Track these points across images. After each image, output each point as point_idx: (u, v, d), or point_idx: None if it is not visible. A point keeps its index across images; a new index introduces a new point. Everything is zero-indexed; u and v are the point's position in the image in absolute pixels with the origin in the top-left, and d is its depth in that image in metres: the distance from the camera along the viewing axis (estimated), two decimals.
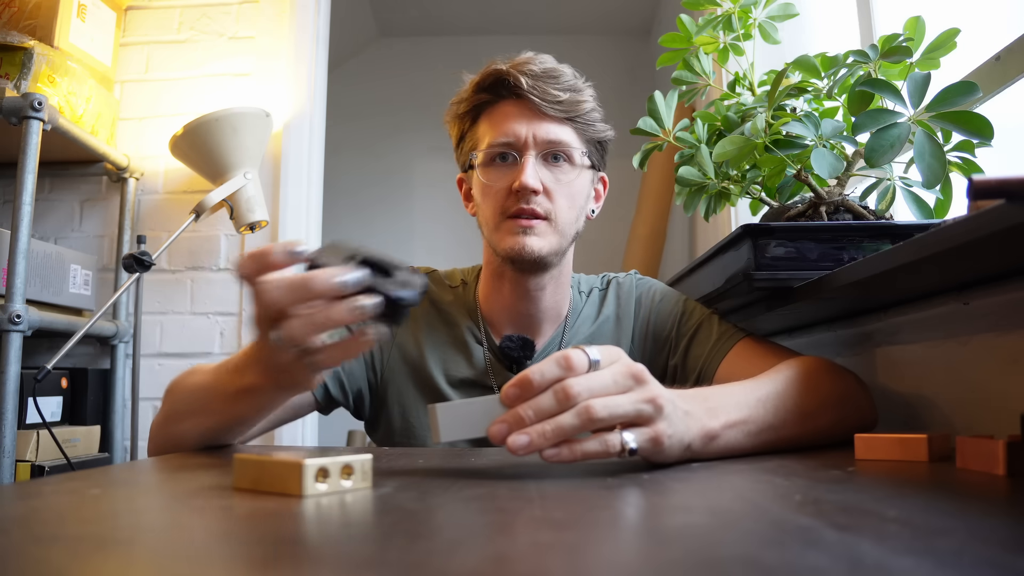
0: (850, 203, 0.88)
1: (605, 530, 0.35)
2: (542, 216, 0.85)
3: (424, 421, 0.90)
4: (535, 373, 0.50)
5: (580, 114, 0.87)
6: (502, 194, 0.86)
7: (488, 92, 0.88)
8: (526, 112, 0.86)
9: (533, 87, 0.84)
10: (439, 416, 0.51)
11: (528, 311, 0.92)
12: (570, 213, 0.87)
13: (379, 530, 0.36)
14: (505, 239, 0.86)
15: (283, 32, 2.03)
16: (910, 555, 0.28)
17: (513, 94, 0.86)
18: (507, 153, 0.86)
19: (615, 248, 3.19)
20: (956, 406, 0.76)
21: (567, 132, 0.87)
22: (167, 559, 0.30)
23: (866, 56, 0.81)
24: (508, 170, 0.87)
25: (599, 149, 0.92)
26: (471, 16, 3.50)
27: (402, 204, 3.51)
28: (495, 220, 0.87)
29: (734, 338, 0.86)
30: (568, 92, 0.86)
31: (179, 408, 0.74)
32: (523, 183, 0.83)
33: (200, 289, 1.97)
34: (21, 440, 1.52)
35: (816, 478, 0.50)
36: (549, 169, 0.87)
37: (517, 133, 0.85)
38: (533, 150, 0.85)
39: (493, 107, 0.88)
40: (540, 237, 0.85)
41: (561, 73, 0.87)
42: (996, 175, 0.46)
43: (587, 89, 0.89)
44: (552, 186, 0.86)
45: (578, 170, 0.88)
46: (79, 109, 1.78)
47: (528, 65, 0.86)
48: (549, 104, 0.85)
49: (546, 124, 0.86)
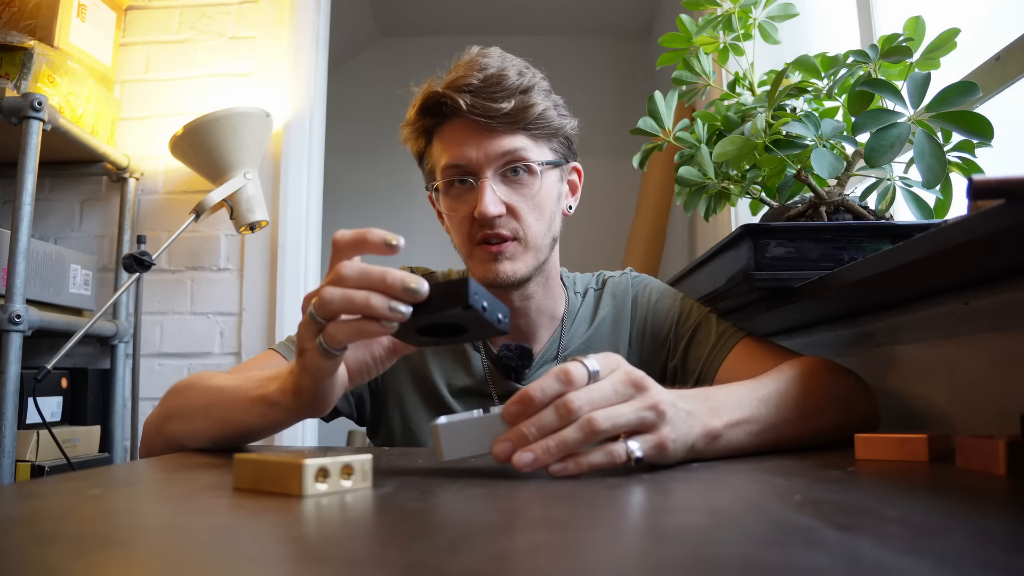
0: (850, 203, 0.88)
1: (605, 530, 0.35)
2: (510, 237, 0.83)
3: (426, 428, 0.90)
4: (535, 390, 0.50)
5: (531, 119, 0.82)
6: (467, 222, 0.83)
7: (431, 115, 0.84)
8: (473, 130, 0.82)
9: (473, 105, 0.80)
10: (441, 435, 0.51)
11: (518, 321, 0.91)
12: (539, 226, 0.84)
13: (379, 530, 0.36)
14: (479, 267, 0.84)
15: (283, 32, 2.03)
16: (910, 555, 0.28)
17: (456, 114, 0.82)
18: (464, 178, 0.83)
19: (615, 248, 3.19)
20: (956, 406, 0.76)
21: (521, 140, 0.83)
22: (167, 559, 0.30)
23: (866, 56, 0.81)
24: (467, 194, 0.83)
25: (564, 143, 0.88)
26: (471, 16, 3.50)
27: (402, 204, 3.51)
28: (465, 249, 0.85)
29: (734, 338, 0.86)
30: (513, 98, 0.81)
31: (184, 408, 0.72)
32: (482, 212, 0.80)
33: (200, 289, 1.97)
34: (21, 440, 1.52)
35: (816, 478, 0.50)
36: (509, 185, 0.83)
37: (467, 156, 0.82)
38: (488, 169, 0.82)
39: (442, 127, 0.85)
40: (513, 260, 0.83)
41: (504, 77, 0.81)
42: (996, 175, 0.46)
43: (536, 84, 0.84)
44: (516, 203, 0.82)
45: (539, 178, 0.84)
46: (79, 109, 1.78)
47: (467, 79, 0.81)
48: (494, 120, 0.80)
49: (496, 140, 0.81)
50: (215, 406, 0.68)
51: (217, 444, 0.70)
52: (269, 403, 0.62)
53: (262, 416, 0.64)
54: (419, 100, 0.85)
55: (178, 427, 0.71)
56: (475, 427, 0.51)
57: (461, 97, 0.80)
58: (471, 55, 0.85)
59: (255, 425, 0.65)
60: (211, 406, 0.69)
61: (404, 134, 0.90)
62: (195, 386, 0.73)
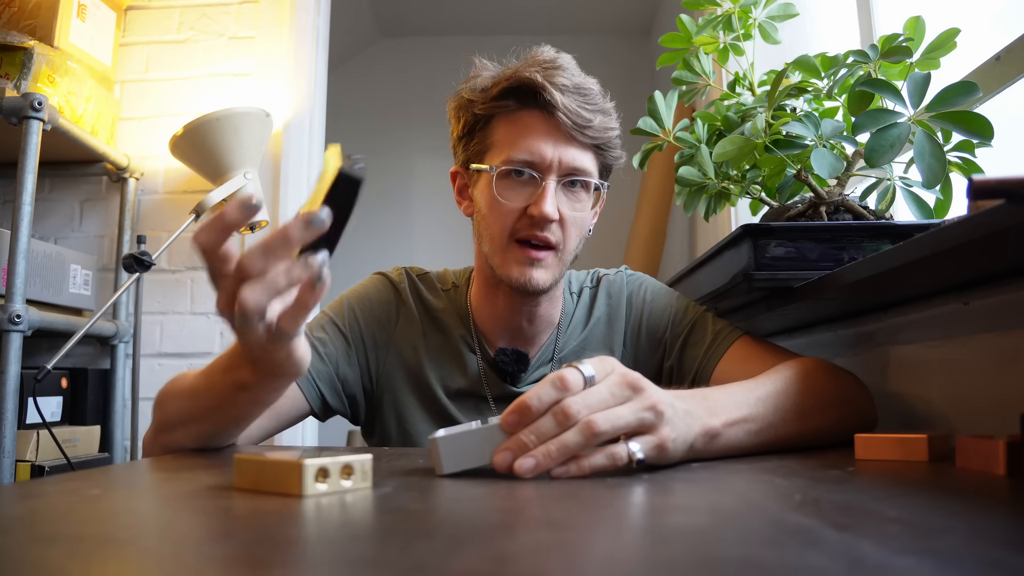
0: (850, 203, 0.88)
1: (605, 530, 0.35)
2: (553, 246, 0.82)
3: (422, 428, 0.90)
4: (532, 399, 0.50)
5: (606, 141, 0.84)
6: (514, 214, 0.82)
7: (513, 98, 0.82)
8: (553, 131, 0.81)
9: (567, 107, 0.79)
10: (441, 449, 0.51)
11: (521, 324, 0.91)
12: (575, 241, 0.85)
13: (379, 530, 0.36)
14: (511, 267, 0.83)
15: (283, 32, 2.03)
16: (910, 555, 0.28)
17: (541, 107, 0.81)
18: (524, 170, 0.82)
19: (615, 248, 3.19)
20: (956, 406, 0.76)
21: (589, 159, 0.84)
22: (167, 559, 0.30)
23: (866, 56, 0.81)
24: (524, 189, 0.82)
25: (607, 171, 0.90)
26: (471, 16, 3.50)
27: (402, 203, 3.51)
28: (501, 240, 0.83)
29: (730, 338, 0.86)
30: (598, 115, 0.82)
31: (171, 418, 0.71)
32: (543, 212, 0.80)
33: (200, 289, 1.97)
34: (21, 440, 1.52)
35: (816, 478, 0.50)
36: (566, 195, 0.83)
37: (543, 154, 0.81)
38: (555, 175, 0.81)
39: (514, 114, 0.83)
40: (547, 270, 0.83)
41: (589, 90, 0.82)
42: (996, 175, 0.46)
43: (612, 110, 0.85)
44: (567, 214, 0.83)
45: (591, 198, 0.86)
46: (79, 109, 1.78)
47: (559, 76, 0.80)
48: (580, 129, 0.80)
49: (572, 149, 0.81)
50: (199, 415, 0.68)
51: (217, 442, 0.70)
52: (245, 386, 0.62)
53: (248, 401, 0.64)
54: (505, 80, 0.82)
55: (169, 438, 0.71)
56: (474, 439, 0.51)
57: (558, 93, 0.79)
58: (551, 54, 0.83)
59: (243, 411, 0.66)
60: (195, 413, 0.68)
61: (461, 103, 0.86)
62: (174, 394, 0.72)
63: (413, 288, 0.95)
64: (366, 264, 2.32)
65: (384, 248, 3.50)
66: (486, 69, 0.86)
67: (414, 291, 0.95)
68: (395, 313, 0.94)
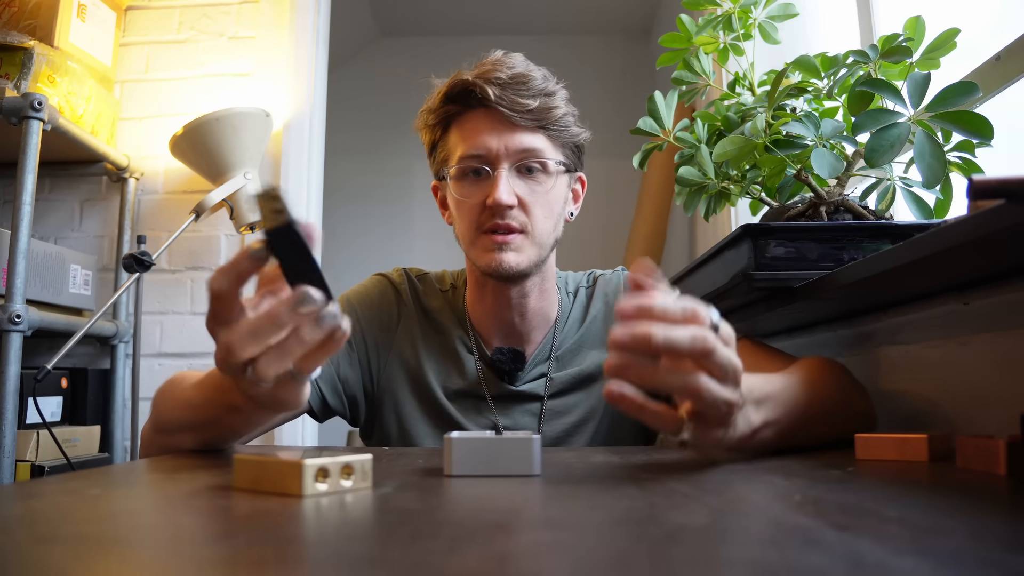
0: (850, 203, 0.88)
1: (605, 530, 0.35)
2: (518, 230, 0.84)
3: (421, 430, 0.90)
4: (658, 306, 0.47)
5: (552, 121, 0.85)
6: (476, 209, 0.84)
7: (456, 103, 0.86)
8: (496, 123, 0.84)
9: (501, 97, 0.82)
10: (454, 450, 0.52)
11: (513, 319, 0.91)
12: (547, 223, 0.86)
13: (379, 530, 0.36)
14: (482, 255, 0.85)
15: (283, 32, 2.03)
16: (910, 555, 0.28)
17: (481, 104, 0.84)
18: (480, 169, 0.84)
19: (615, 248, 3.19)
20: (956, 406, 0.76)
21: (540, 140, 0.85)
22: (167, 559, 0.30)
23: (866, 56, 0.81)
24: (481, 184, 0.85)
25: (575, 152, 0.90)
26: (471, 16, 3.50)
27: (402, 203, 3.51)
28: (471, 235, 0.86)
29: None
30: (538, 98, 0.83)
31: (168, 423, 0.71)
32: (496, 199, 0.81)
33: (200, 289, 1.97)
34: (21, 440, 1.52)
35: (816, 478, 0.50)
36: (523, 180, 0.85)
37: (488, 146, 0.83)
38: (505, 162, 0.83)
39: (462, 117, 0.86)
40: (517, 252, 0.84)
41: (530, 78, 0.84)
42: (996, 175, 0.46)
43: (559, 92, 0.87)
44: (527, 197, 0.84)
45: (553, 178, 0.86)
46: (79, 109, 1.78)
47: (495, 72, 0.83)
48: (519, 114, 0.83)
49: (517, 134, 0.84)
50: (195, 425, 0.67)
51: (215, 447, 0.70)
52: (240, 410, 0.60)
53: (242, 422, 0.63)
54: (445, 87, 0.86)
55: (167, 440, 0.71)
56: (488, 447, 0.52)
57: (490, 87, 0.82)
58: (497, 56, 0.86)
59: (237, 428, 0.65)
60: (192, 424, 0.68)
61: (421, 121, 0.91)
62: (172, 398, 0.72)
63: (413, 290, 0.96)
64: (366, 264, 2.32)
65: (383, 248, 3.50)
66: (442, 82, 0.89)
67: (413, 293, 0.96)
68: (396, 315, 0.94)
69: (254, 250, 0.48)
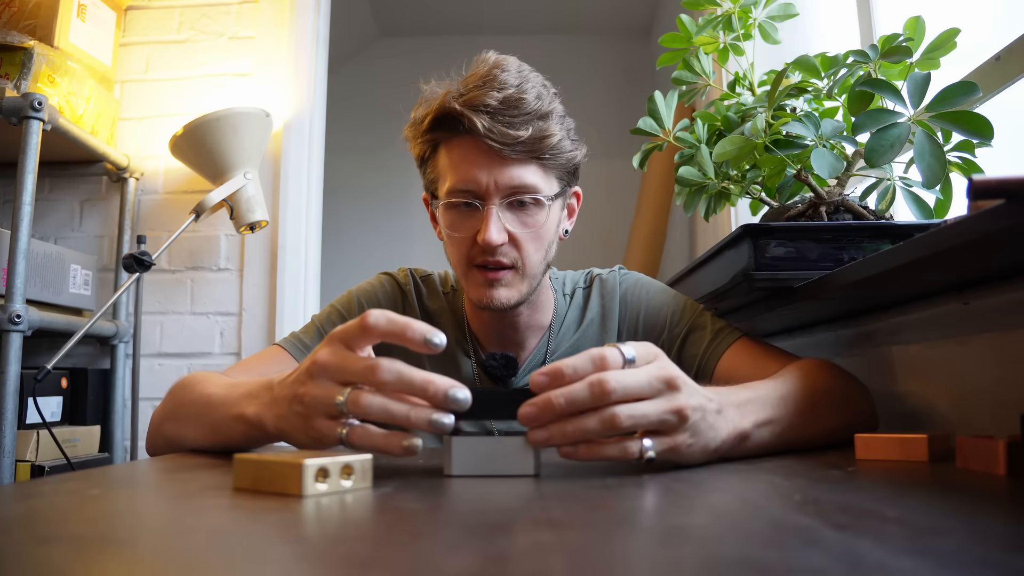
0: (850, 203, 0.88)
1: (605, 530, 0.35)
2: (508, 266, 0.82)
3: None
4: (567, 367, 0.50)
5: (545, 150, 0.80)
6: (466, 243, 0.82)
7: (443, 129, 0.81)
8: (486, 154, 0.79)
9: (491, 129, 0.77)
10: (453, 450, 0.52)
11: (507, 332, 0.91)
12: (537, 256, 0.84)
13: (379, 530, 0.36)
14: (473, 290, 0.84)
15: (283, 32, 2.03)
16: (910, 555, 0.28)
17: (470, 133, 0.79)
18: (470, 201, 0.81)
19: (615, 248, 3.19)
20: (956, 406, 0.76)
21: (532, 172, 0.81)
22: (167, 559, 0.30)
23: (866, 56, 0.81)
24: (471, 218, 0.82)
25: (570, 172, 0.87)
26: (471, 16, 3.50)
27: (402, 203, 3.51)
28: (462, 268, 0.84)
29: (732, 336, 0.86)
30: (531, 125, 0.78)
31: (181, 413, 0.72)
32: (487, 240, 0.79)
33: (200, 289, 1.97)
34: (21, 440, 1.52)
35: (816, 478, 0.50)
36: (514, 213, 0.81)
37: (478, 180, 0.79)
38: (496, 197, 0.80)
39: (451, 140, 0.82)
40: (508, 288, 0.83)
41: (522, 100, 0.78)
42: (996, 175, 0.46)
43: (554, 111, 0.81)
44: (518, 232, 0.81)
45: (546, 210, 0.83)
46: (79, 109, 1.78)
47: (484, 98, 0.77)
48: (509, 147, 0.78)
49: (508, 168, 0.79)
50: (205, 416, 0.67)
51: (212, 449, 0.70)
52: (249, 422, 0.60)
53: (245, 437, 0.63)
54: (432, 112, 0.81)
55: (174, 430, 0.72)
56: (487, 447, 0.52)
57: (479, 119, 0.77)
58: (488, 66, 0.81)
59: (240, 443, 0.64)
60: (201, 415, 0.68)
61: (408, 135, 0.88)
62: (192, 389, 0.72)
63: (416, 290, 0.97)
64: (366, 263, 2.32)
65: (384, 247, 3.50)
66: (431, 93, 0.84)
67: (417, 293, 0.97)
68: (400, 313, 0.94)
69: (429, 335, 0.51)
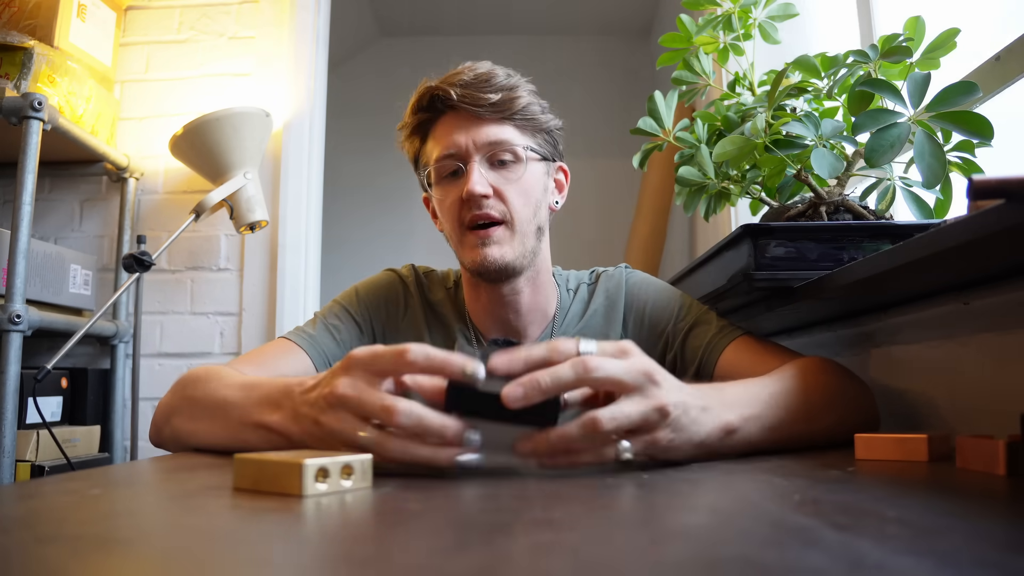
0: (850, 203, 0.88)
1: (605, 530, 0.35)
2: (498, 219, 0.86)
3: None
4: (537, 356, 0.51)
5: (516, 110, 0.88)
6: (456, 206, 0.87)
7: (427, 111, 0.89)
8: (463, 121, 0.87)
9: (463, 96, 0.86)
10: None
11: (508, 316, 0.92)
12: (526, 210, 0.88)
13: (379, 530, 0.36)
14: (467, 253, 0.87)
15: (283, 32, 2.03)
16: (910, 555, 0.28)
17: (448, 107, 0.87)
18: (456, 168, 0.87)
19: (615, 248, 3.19)
20: (956, 406, 0.76)
21: (507, 131, 0.88)
22: (167, 559, 0.30)
23: (866, 56, 0.81)
24: (458, 182, 0.88)
25: (549, 140, 0.93)
26: (471, 16, 3.50)
27: (402, 204, 3.51)
28: (456, 234, 0.89)
29: (734, 333, 0.86)
30: (500, 92, 0.87)
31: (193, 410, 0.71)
32: (470, 190, 0.84)
33: (200, 289, 1.97)
34: (21, 440, 1.52)
35: (816, 478, 0.50)
36: (496, 171, 0.88)
37: (457, 143, 0.87)
38: (476, 155, 0.86)
39: (435, 124, 0.90)
40: (500, 245, 0.86)
41: (492, 76, 0.88)
42: (996, 175, 0.46)
43: (522, 85, 0.90)
44: (502, 186, 0.87)
45: (524, 164, 0.88)
46: (79, 109, 1.78)
47: (458, 76, 0.87)
48: (482, 108, 0.86)
49: (484, 128, 0.87)
50: (220, 418, 0.67)
51: (224, 449, 0.70)
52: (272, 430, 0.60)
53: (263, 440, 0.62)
54: (414, 98, 0.90)
55: (183, 425, 0.71)
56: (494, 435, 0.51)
57: (452, 89, 0.86)
58: (463, 65, 0.90)
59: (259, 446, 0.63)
60: (216, 417, 0.67)
61: (401, 137, 0.95)
62: (205, 387, 0.71)
63: (419, 284, 0.99)
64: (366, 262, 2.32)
65: (384, 246, 3.50)
66: None
67: (420, 287, 0.99)
68: (403, 307, 0.97)
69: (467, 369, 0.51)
